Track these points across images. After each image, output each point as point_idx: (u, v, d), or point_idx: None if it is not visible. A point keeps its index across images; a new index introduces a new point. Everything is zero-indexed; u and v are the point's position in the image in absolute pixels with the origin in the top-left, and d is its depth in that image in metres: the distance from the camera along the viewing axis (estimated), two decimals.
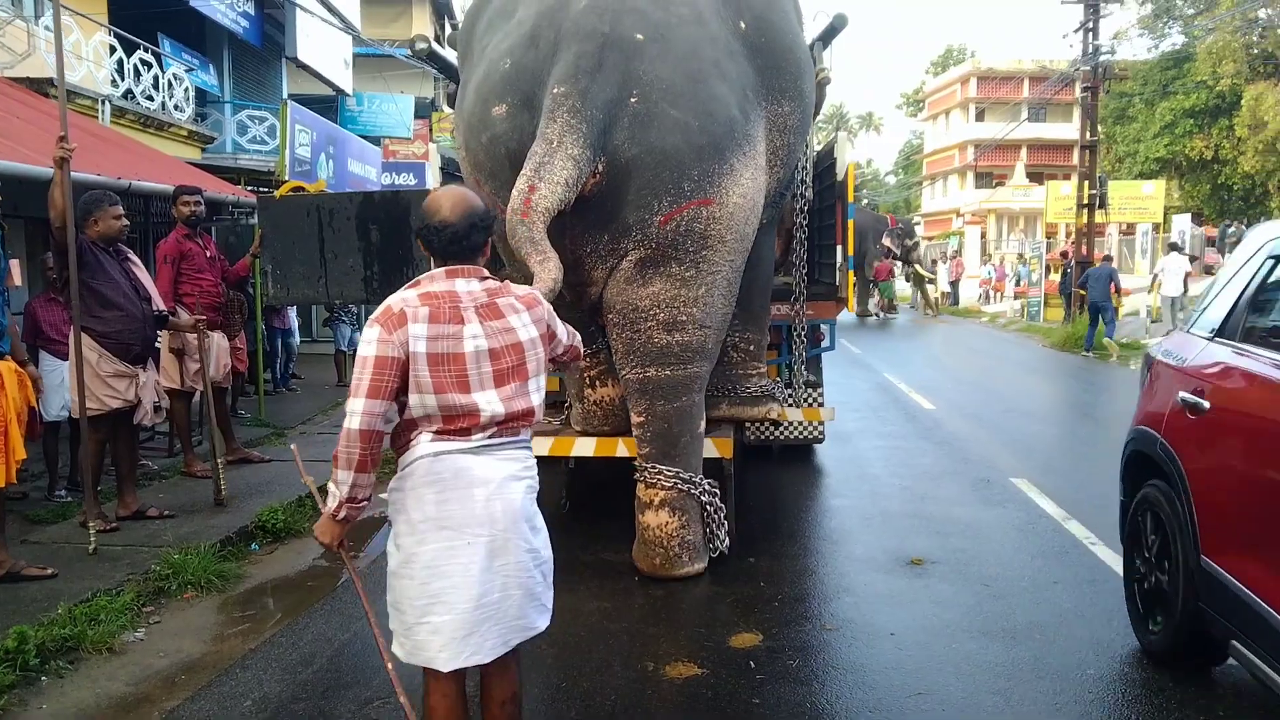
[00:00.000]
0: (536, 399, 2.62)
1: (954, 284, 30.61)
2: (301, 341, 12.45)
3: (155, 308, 5.66)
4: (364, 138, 17.87)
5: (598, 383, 5.28)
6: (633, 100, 4.14)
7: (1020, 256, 28.86)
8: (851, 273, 6.39)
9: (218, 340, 6.73)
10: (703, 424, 4.94)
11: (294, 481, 6.72)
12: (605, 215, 4.40)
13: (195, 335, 6.20)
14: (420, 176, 19.69)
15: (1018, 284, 27.23)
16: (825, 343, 6.96)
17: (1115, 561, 5.14)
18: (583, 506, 6.30)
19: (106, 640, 4.10)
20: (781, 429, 7.16)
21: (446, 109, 24.09)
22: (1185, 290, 17.73)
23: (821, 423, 7.18)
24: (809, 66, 5.06)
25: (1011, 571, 5.09)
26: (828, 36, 5.92)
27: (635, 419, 4.83)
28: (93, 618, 4.19)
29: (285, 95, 16.86)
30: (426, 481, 2.51)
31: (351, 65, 18.46)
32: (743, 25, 4.59)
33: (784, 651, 4.05)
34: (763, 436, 7.25)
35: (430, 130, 22.81)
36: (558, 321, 2.81)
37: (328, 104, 18.34)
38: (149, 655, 4.11)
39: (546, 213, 4.00)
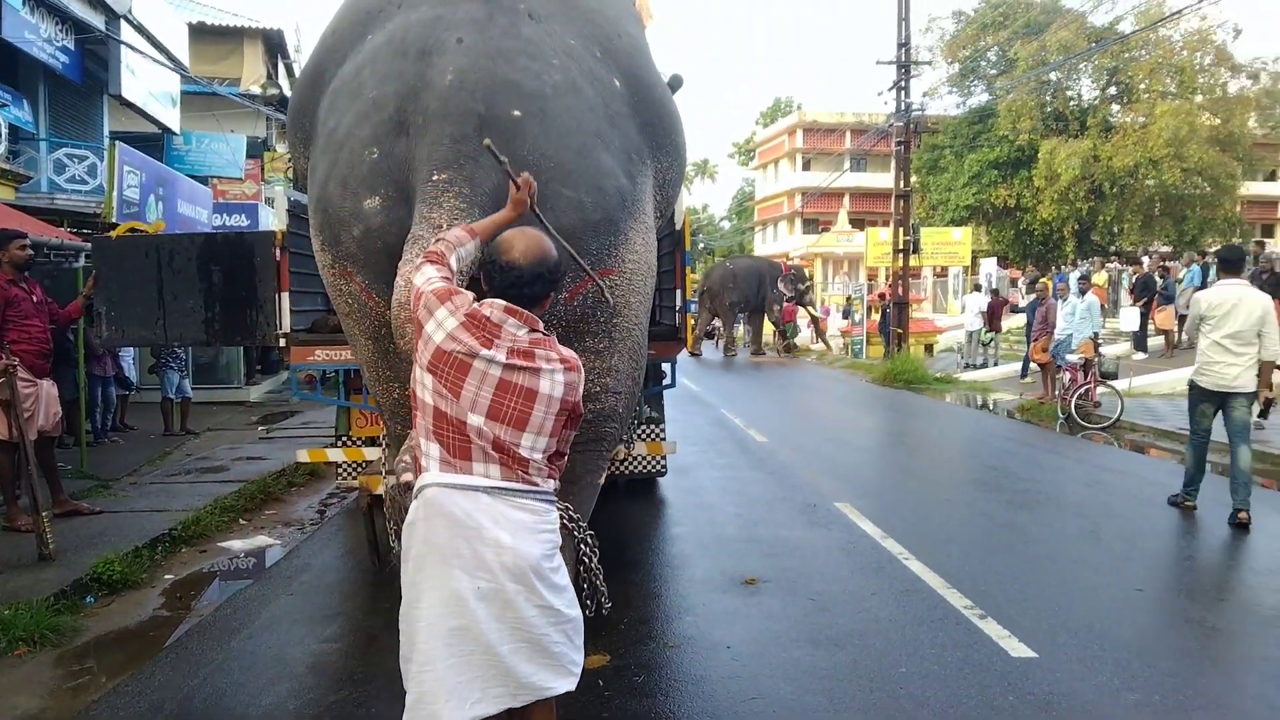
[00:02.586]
0: (526, 451, 2.56)
1: (786, 325, 32.10)
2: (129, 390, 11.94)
3: None
4: (193, 177, 17.33)
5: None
6: None
7: (847, 299, 30.56)
8: (690, 315, 6.77)
9: (47, 388, 6.50)
10: (603, 478, 4.89)
11: (129, 532, 6.54)
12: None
13: (28, 386, 6.02)
14: (253, 217, 19.19)
15: (845, 323, 28.85)
16: (667, 380, 7.32)
17: (925, 574, 5.70)
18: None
19: None
20: (627, 464, 7.44)
21: (280, 149, 23.70)
22: (985, 325, 19.60)
23: (664, 457, 7.51)
24: (679, 119, 5.04)
25: (835, 586, 5.54)
26: None
27: None
28: None
29: (107, 133, 16.19)
30: (437, 512, 2.53)
31: (179, 103, 17.91)
32: (617, 84, 4.46)
33: (630, 669, 4.32)
34: (609, 471, 7.52)
35: (262, 170, 22.28)
36: (581, 410, 2.75)
37: (153, 142, 17.69)
38: None
39: None
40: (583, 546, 4.88)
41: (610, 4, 4.86)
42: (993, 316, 20.03)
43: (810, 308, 28.69)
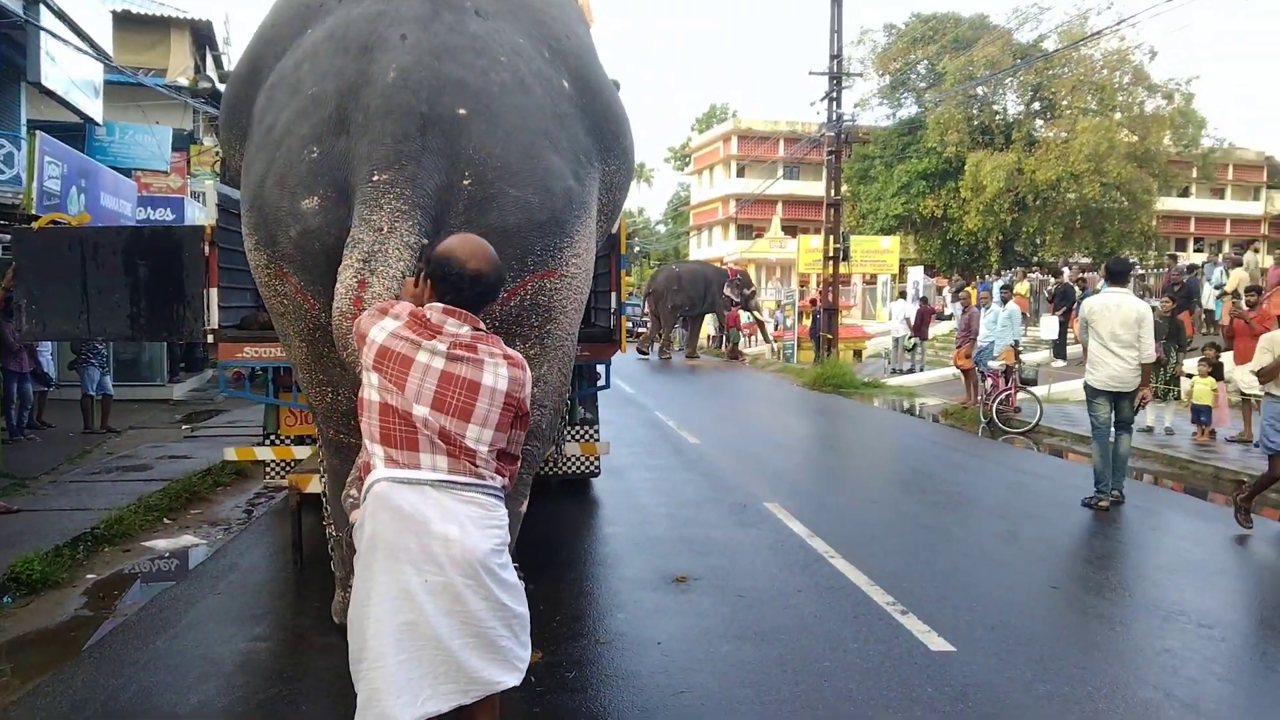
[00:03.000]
0: (472, 442, 2.60)
1: (730, 330, 32.34)
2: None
3: None
4: (116, 170, 16.84)
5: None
6: (466, 183, 3.78)
7: (777, 304, 30.96)
8: (625, 317, 6.87)
9: None
10: (525, 505, 4.76)
11: (49, 531, 6.38)
12: None
13: None
14: (179, 211, 18.73)
15: (774, 328, 29.21)
16: (601, 382, 7.38)
17: (850, 571, 5.86)
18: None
19: None
20: (560, 464, 7.47)
21: (207, 142, 23.16)
22: (909, 332, 20.17)
23: (597, 457, 7.57)
24: (628, 122, 4.96)
25: (762, 583, 5.67)
26: None
27: None
28: None
29: (24, 121, 15.65)
30: (384, 507, 2.57)
31: (102, 93, 17.39)
32: (566, 85, 4.32)
33: (562, 665, 4.37)
34: (542, 471, 7.55)
35: (188, 164, 21.75)
36: (528, 408, 2.77)
37: (73, 132, 17.14)
38: None
39: None
40: None
41: (558, 4, 4.76)
42: (921, 324, 20.51)
43: (756, 312, 29.02)
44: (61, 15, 14.52)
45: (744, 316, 29.34)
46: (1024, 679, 4.27)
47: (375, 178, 3.55)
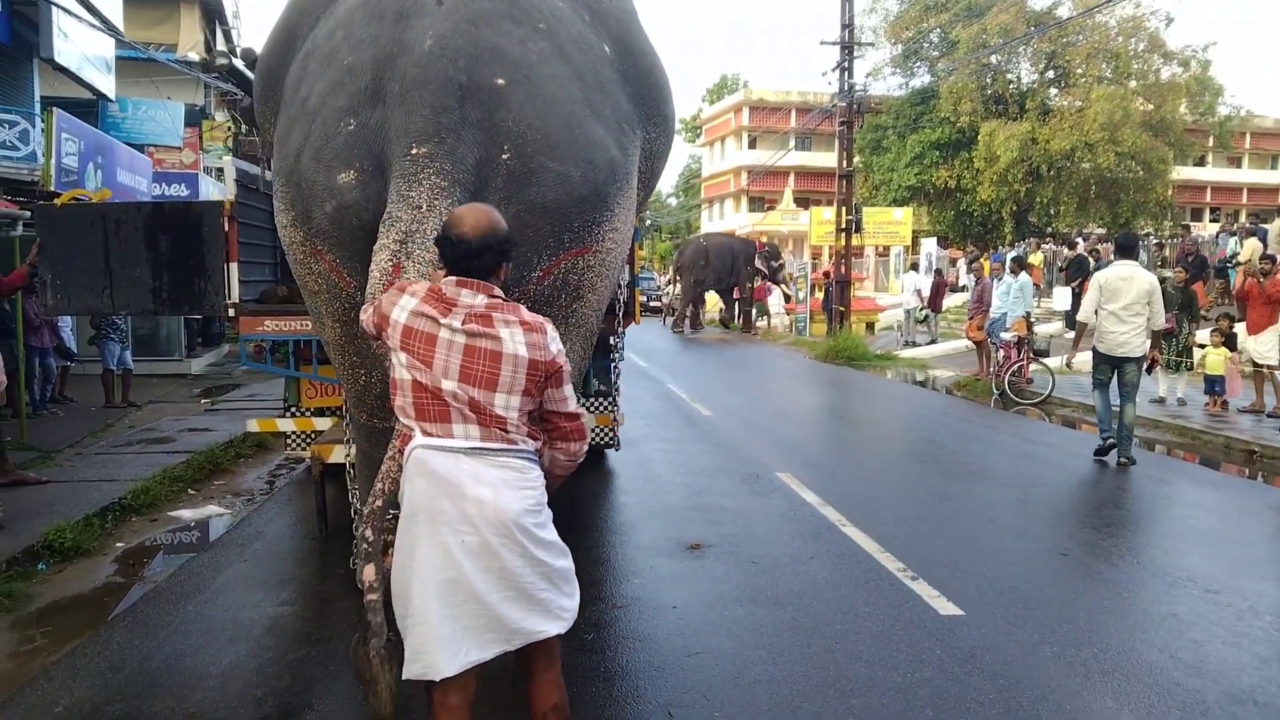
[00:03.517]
0: (501, 410, 2.66)
1: (756, 303, 32.31)
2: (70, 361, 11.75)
3: None
4: (129, 145, 16.95)
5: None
6: (505, 157, 3.63)
7: (789, 276, 30.91)
8: (637, 290, 6.94)
9: None
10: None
11: (78, 502, 6.54)
12: None
13: None
14: (193, 187, 18.84)
15: (785, 301, 29.19)
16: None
17: (861, 539, 5.96)
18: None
19: None
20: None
21: (219, 117, 23.21)
22: (922, 304, 20.16)
23: (615, 432, 7.68)
24: (669, 87, 4.77)
25: (775, 550, 5.78)
26: None
27: None
28: None
29: (37, 98, 15.75)
30: (421, 473, 2.65)
31: (114, 68, 17.45)
32: (607, 50, 4.20)
33: (580, 627, 4.43)
34: None
35: (200, 139, 21.84)
36: (566, 366, 2.78)
37: (87, 108, 17.23)
38: None
39: None
40: None
41: None
42: (936, 295, 20.49)
43: (784, 285, 28.96)
44: None
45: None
46: (1031, 641, 4.37)
47: (414, 151, 3.45)
